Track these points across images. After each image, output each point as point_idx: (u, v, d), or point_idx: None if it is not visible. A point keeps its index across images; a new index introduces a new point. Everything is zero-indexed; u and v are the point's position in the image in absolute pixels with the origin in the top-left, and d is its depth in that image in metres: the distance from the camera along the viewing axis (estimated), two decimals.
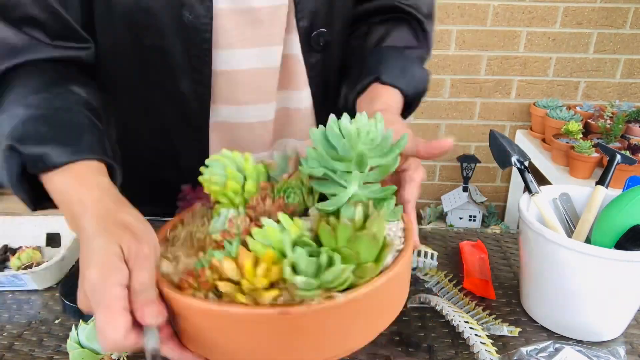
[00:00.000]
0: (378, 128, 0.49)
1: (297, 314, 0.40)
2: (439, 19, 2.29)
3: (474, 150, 2.53)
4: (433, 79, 2.40)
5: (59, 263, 0.66)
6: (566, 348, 0.52)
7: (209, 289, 0.42)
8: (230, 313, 0.41)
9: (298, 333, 0.42)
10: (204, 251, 0.48)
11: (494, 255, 0.75)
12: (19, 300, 0.65)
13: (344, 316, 0.43)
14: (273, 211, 0.49)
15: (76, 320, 0.60)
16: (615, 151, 0.65)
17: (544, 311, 0.60)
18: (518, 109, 2.44)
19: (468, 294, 0.65)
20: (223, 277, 0.42)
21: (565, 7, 2.25)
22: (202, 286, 0.42)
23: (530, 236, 0.58)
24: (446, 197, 2.57)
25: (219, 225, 0.50)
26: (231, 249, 0.45)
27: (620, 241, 0.56)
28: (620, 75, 2.36)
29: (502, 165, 0.64)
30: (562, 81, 2.38)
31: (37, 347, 0.57)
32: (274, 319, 0.40)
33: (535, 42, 2.31)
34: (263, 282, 0.40)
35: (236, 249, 0.44)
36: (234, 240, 0.46)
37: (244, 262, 0.41)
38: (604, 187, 0.62)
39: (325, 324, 0.42)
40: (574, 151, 1.88)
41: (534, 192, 0.62)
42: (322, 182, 0.50)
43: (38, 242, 0.75)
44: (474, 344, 0.54)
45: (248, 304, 0.40)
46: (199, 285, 0.43)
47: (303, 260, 0.40)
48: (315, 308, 0.40)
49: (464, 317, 0.57)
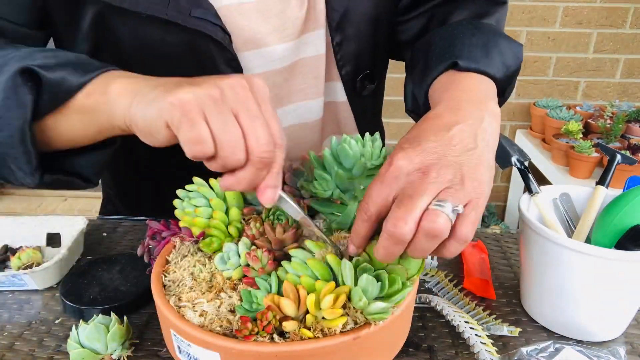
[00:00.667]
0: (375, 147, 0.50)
1: (367, 335, 0.42)
2: None
3: None
4: None
5: (59, 263, 0.66)
6: (566, 348, 0.52)
7: (271, 331, 0.42)
8: (311, 349, 0.41)
9: (364, 351, 0.43)
10: (222, 292, 0.47)
11: (494, 255, 0.75)
12: (20, 300, 0.65)
13: (397, 326, 0.46)
14: (287, 239, 0.48)
15: (76, 320, 0.60)
16: (616, 151, 0.65)
17: (544, 311, 0.60)
18: (518, 109, 2.44)
19: (468, 294, 0.65)
20: (281, 315, 0.42)
21: (565, 7, 2.24)
22: (266, 330, 0.42)
23: (530, 236, 0.58)
24: None
25: (227, 261, 0.48)
26: (267, 285, 0.45)
27: (621, 241, 0.56)
28: (620, 75, 2.36)
29: (502, 165, 0.64)
30: (562, 81, 2.38)
31: (38, 347, 0.57)
32: (349, 344, 0.42)
33: (535, 42, 2.31)
34: (336, 313, 0.41)
35: (276, 284, 0.44)
36: (268, 276, 0.46)
37: (307, 297, 0.41)
38: (604, 187, 0.62)
39: (384, 337, 0.45)
40: (574, 151, 1.88)
41: (534, 192, 0.62)
42: (324, 202, 0.50)
43: (38, 242, 0.75)
44: (474, 344, 0.54)
45: (318, 337, 0.41)
46: (262, 329, 0.42)
47: (371, 285, 0.41)
48: (382, 326, 0.42)
49: (464, 317, 0.57)
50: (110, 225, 0.83)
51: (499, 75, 0.55)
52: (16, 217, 0.76)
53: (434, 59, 0.56)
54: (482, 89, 0.52)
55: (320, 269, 0.43)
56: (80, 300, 0.60)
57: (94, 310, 0.59)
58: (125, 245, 0.77)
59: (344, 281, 0.42)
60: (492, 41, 0.57)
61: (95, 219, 0.85)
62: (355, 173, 0.49)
